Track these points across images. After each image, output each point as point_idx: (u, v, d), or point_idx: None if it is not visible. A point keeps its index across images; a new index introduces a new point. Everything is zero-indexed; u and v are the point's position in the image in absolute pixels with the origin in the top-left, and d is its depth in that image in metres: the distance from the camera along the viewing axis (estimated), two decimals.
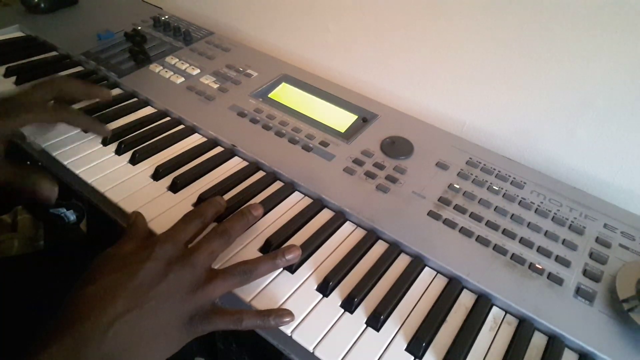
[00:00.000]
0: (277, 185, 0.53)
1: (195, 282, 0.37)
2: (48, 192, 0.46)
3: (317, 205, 0.51)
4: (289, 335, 0.38)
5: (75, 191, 0.54)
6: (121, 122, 0.60)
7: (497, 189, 0.53)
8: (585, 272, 0.45)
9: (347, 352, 0.37)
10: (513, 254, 0.46)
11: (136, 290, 0.35)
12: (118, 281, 0.35)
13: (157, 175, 0.52)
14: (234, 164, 0.56)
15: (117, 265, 0.37)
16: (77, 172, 0.52)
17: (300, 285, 0.42)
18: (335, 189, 0.52)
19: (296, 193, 0.53)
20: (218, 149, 0.58)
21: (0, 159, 0.46)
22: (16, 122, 0.48)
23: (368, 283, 0.42)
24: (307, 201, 0.52)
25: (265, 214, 0.48)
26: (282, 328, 0.38)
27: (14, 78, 0.67)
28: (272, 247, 0.45)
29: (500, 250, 0.46)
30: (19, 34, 0.80)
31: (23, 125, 0.50)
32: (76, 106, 0.58)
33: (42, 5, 0.83)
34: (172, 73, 0.69)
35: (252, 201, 0.50)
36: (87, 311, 0.33)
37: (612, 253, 0.47)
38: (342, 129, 0.62)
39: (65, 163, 0.53)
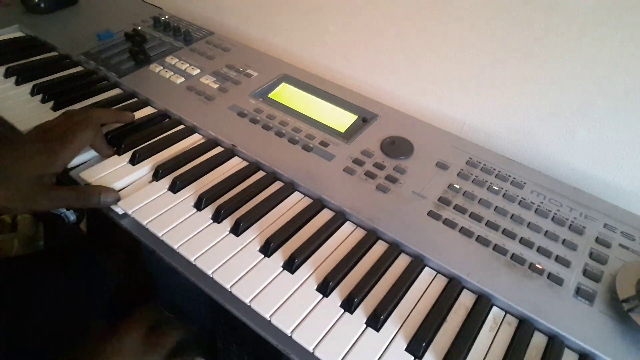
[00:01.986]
0: (277, 185, 0.53)
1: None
2: (115, 200, 0.49)
3: (317, 205, 0.51)
4: (289, 335, 0.38)
5: None
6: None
7: (497, 189, 0.53)
8: (585, 272, 0.45)
9: (347, 352, 0.37)
10: (513, 254, 0.46)
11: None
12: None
13: (157, 175, 0.52)
14: (234, 164, 0.56)
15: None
16: (77, 173, 0.52)
17: (300, 285, 0.42)
18: (335, 189, 0.52)
19: (296, 193, 0.53)
20: (218, 149, 0.58)
21: (55, 189, 0.47)
22: (70, 155, 0.49)
23: (368, 283, 0.42)
24: (307, 201, 0.52)
25: (265, 213, 0.49)
26: (281, 328, 0.38)
27: (14, 78, 0.67)
28: (272, 246, 0.45)
29: (500, 250, 0.46)
30: (19, 34, 0.80)
31: (73, 157, 0.50)
32: None
33: (42, 5, 0.83)
34: (172, 73, 0.69)
35: (252, 201, 0.50)
36: None
37: (612, 253, 0.47)
38: (342, 129, 0.62)
39: None
